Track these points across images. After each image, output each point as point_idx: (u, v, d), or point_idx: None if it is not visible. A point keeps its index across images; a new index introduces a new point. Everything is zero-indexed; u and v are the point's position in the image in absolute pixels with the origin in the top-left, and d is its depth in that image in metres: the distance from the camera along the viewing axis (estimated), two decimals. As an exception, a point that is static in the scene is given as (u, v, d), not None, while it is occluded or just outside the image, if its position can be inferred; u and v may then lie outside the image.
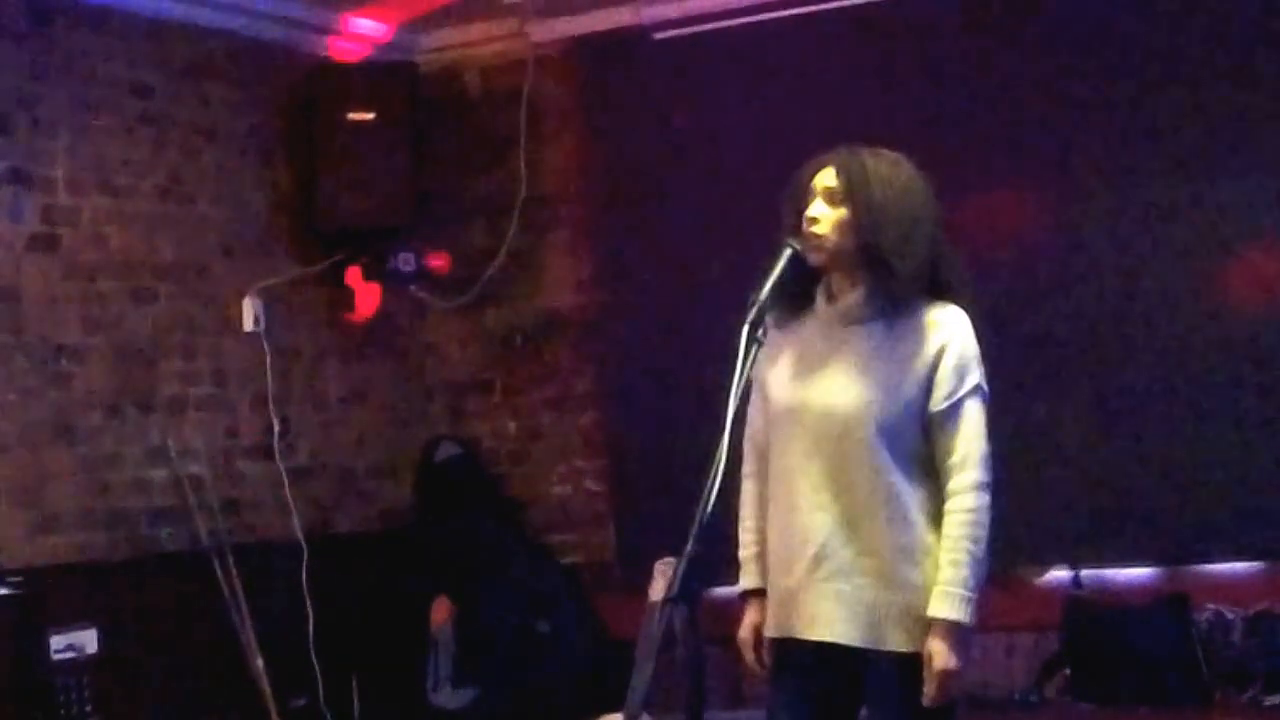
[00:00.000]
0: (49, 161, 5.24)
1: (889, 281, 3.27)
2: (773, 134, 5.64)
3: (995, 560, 3.32)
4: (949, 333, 3.28)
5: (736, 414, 3.14)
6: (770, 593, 3.39)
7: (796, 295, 3.34)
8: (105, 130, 5.43)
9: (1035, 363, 5.60)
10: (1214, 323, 5.45)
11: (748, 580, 3.46)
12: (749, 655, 3.44)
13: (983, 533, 3.23)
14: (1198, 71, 5.47)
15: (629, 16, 6.22)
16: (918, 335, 3.28)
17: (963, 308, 3.32)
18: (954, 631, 3.19)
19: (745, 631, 3.45)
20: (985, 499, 3.25)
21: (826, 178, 3.33)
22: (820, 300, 3.37)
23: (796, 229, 3.33)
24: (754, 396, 3.42)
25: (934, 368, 3.26)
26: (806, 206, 3.32)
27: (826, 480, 3.27)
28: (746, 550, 3.46)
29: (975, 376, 3.29)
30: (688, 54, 6.14)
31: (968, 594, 3.20)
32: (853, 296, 3.32)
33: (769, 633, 3.39)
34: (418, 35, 6.51)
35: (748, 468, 3.47)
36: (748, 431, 3.44)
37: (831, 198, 3.31)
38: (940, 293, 3.32)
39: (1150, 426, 5.50)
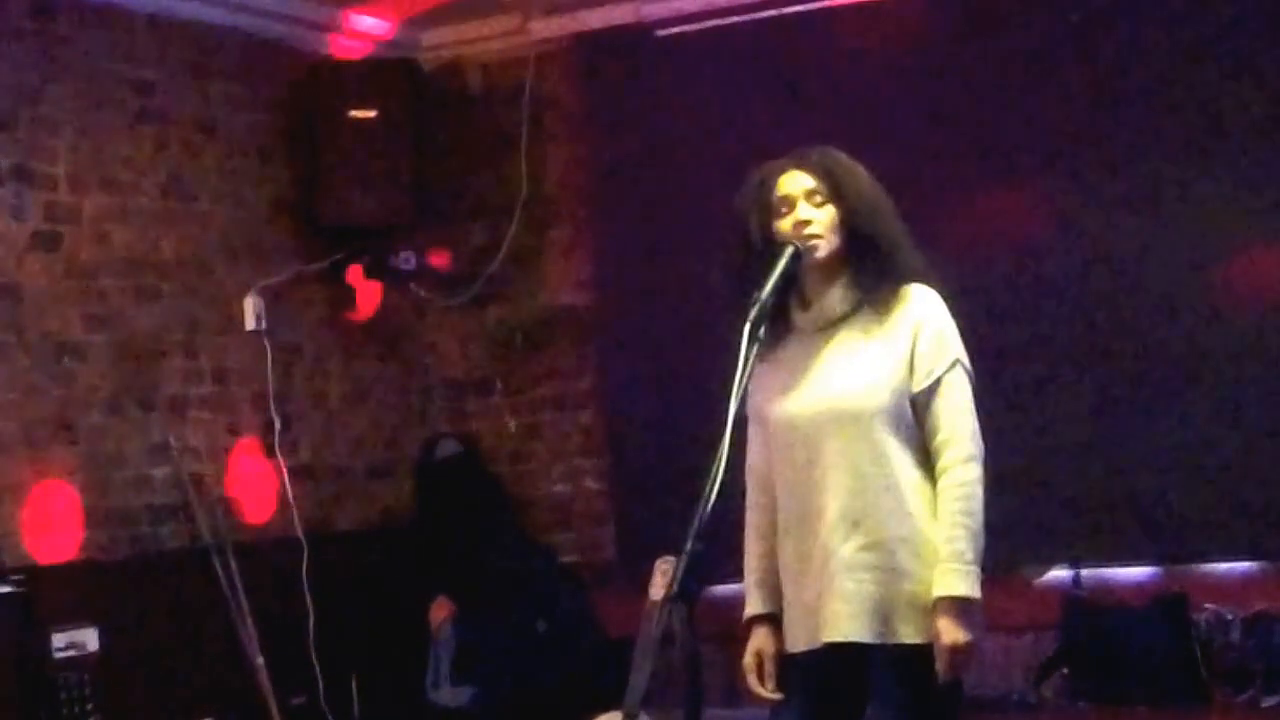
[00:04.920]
0: (51, 159, 5.24)
1: (880, 271, 3.31)
2: (775, 132, 5.64)
3: (994, 560, 3.33)
4: (922, 311, 3.32)
5: (737, 414, 3.14)
6: (790, 611, 3.39)
7: (776, 317, 3.33)
8: (107, 127, 5.43)
9: (1035, 362, 5.60)
10: (1215, 322, 5.45)
11: (753, 606, 3.46)
12: (752, 681, 3.43)
13: (977, 505, 3.25)
14: (1199, 68, 5.47)
15: (631, 13, 6.23)
16: (894, 320, 3.31)
17: (931, 288, 3.36)
18: (958, 606, 3.20)
19: (749, 658, 3.44)
20: (977, 471, 3.26)
21: (801, 181, 3.36)
22: (796, 312, 3.39)
23: (769, 239, 3.35)
24: (750, 428, 3.41)
25: (912, 348, 3.29)
26: (783, 215, 3.35)
27: (827, 480, 3.28)
28: (751, 577, 3.47)
29: (953, 351, 3.31)
30: (690, 51, 6.13)
31: (967, 568, 3.21)
32: (830, 297, 3.35)
33: (795, 647, 3.38)
34: (419, 32, 6.51)
35: (750, 498, 3.48)
36: (748, 462, 3.45)
37: (813, 199, 3.34)
38: (908, 277, 3.36)
39: (1150, 426, 5.50)
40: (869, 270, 3.33)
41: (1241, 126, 5.44)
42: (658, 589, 5.02)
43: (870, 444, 3.26)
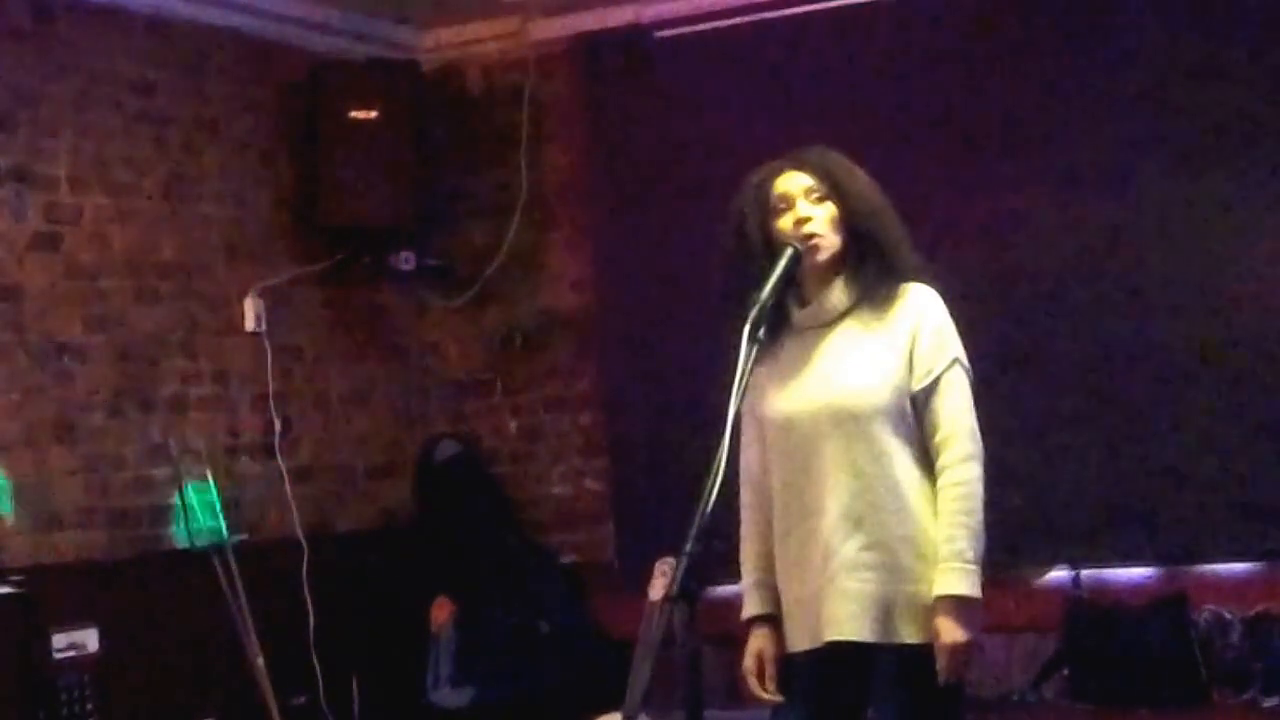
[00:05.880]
0: (51, 159, 5.25)
1: (881, 269, 3.32)
2: (774, 133, 5.61)
3: (994, 560, 3.33)
4: (920, 310, 3.32)
5: (737, 414, 3.13)
6: (791, 610, 3.38)
7: (774, 316, 3.32)
8: (107, 128, 5.43)
9: (1035, 362, 5.60)
10: (1214, 322, 5.45)
11: (751, 607, 3.46)
12: (754, 683, 3.42)
13: (977, 504, 3.25)
14: (1200, 69, 5.47)
15: (631, 15, 6.23)
16: (893, 318, 3.32)
17: (931, 287, 3.36)
18: (958, 605, 3.20)
19: (750, 660, 3.44)
20: (976, 470, 3.27)
21: (799, 180, 3.37)
22: (794, 310, 3.39)
23: (768, 239, 3.35)
24: (744, 430, 3.40)
25: (911, 346, 3.29)
26: (781, 214, 3.35)
27: (828, 480, 3.28)
28: (749, 578, 3.46)
29: (953, 349, 3.32)
30: (689, 53, 6.14)
31: (967, 567, 3.21)
32: (830, 295, 3.36)
33: (795, 647, 3.37)
34: (419, 33, 6.51)
35: (744, 498, 3.47)
36: (741, 462, 3.43)
37: (811, 197, 3.34)
38: (908, 275, 3.36)
39: (1150, 426, 5.50)
40: (869, 269, 3.33)
41: (1243, 128, 5.43)
42: (658, 590, 5.02)
43: (870, 442, 3.27)
